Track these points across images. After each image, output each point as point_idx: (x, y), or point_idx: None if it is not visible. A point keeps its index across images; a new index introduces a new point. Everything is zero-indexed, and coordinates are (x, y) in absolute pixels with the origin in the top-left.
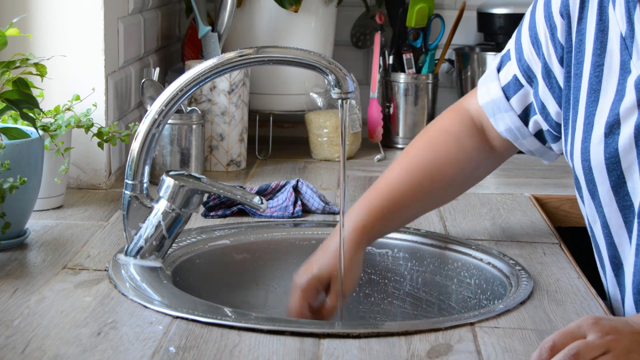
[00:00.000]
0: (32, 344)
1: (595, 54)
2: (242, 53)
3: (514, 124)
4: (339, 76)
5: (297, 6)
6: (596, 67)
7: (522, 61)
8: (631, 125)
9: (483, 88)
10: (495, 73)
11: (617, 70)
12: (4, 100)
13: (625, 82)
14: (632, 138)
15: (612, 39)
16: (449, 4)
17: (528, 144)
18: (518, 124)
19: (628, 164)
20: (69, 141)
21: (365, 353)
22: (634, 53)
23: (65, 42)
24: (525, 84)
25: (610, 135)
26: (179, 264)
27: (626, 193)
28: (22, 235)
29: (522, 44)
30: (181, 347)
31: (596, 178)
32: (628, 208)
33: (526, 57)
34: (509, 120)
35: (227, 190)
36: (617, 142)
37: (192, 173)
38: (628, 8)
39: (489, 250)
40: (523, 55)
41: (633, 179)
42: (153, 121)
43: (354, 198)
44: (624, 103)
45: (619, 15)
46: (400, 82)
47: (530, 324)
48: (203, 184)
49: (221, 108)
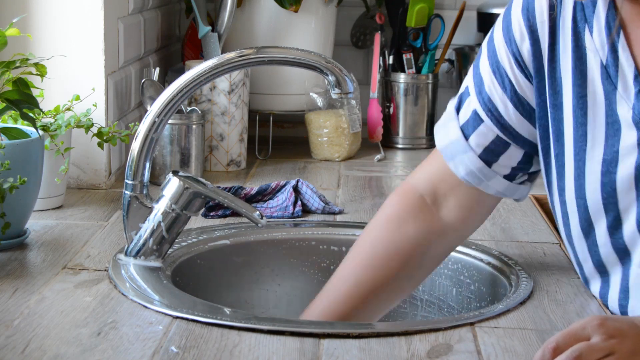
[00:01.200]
0: (32, 344)
1: (575, 84)
2: (242, 53)
3: (474, 165)
4: (339, 76)
5: (297, 6)
6: (579, 99)
7: (482, 94)
8: (631, 165)
9: (441, 131)
10: (454, 113)
11: (602, 101)
12: (4, 100)
13: (616, 116)
14: (631, 178)
15: (592, 67)
16: (449, 4)
17: (495, 185)
18: (479, 164)
19: (626, 205)
20: (69, 141)
21: (365, 353)
22: (619, 84)
23: (65, 42)
24: (486, 118)
25: (607, 174)
26: (179, 264)
27: (620, 236)
28: (22, 235)
29: (481, 75)
30: (181, 347)
31: (592, 217)
32: (623, 251)
33: (487, 89)
34: (468, 162)
35: (230, 201)
36: (615, 182)
37: (199, 178)
38: (610, 35)
39: (489, 250)
40: (484, 87)
41: (629, 220)
42: (153, 121)
43: (354, 198)
44: (623, 141)
45: (598, 43)
46: (400, 82)
47: (530, 324)
48: (207, 189)
49: (221, 108)
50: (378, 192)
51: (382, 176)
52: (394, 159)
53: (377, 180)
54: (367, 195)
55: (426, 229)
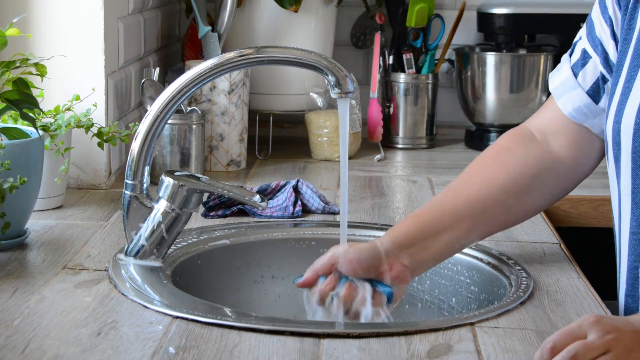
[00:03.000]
0: (32, 344)
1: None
2: (242, 53)
3: (581, 101)
4: (339, 76)
5: (297, 6)
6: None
7: (592, 34)
8: None
9: (554, 74)
10: (566, 57)
11: None
12: (4, 100)
13: None
14: None
15: None
16: (449, 4)
17: (600, 123)
18: (586, 100)
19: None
20: (69, 141)
21: (365, 353)
22: None
23: (65, 42)
24: (594, 54)
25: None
26: (179, 264)
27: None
28: (22, 235)
29: (592, 20)
30: (181, 347)
31: (622, 141)
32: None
33: (597, 31)
34: (576, 98)
35: (227, 190)
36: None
37: (192, 173)
38: None
39: (489, 250)
40: (594, 30)
41: None
42: (153, 121)
43: (354, 198)
44: None
45: None
46: (400, 82)
47: (530, 324)
48: (203, 183)
49: (221, 108)
50: (378, 192)
51: (382, 176)
52: (394, 159)
53: (377, 180)
54: (367, 195)
55: (537, 156)
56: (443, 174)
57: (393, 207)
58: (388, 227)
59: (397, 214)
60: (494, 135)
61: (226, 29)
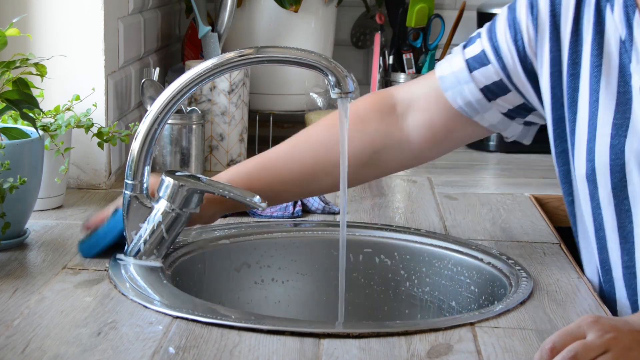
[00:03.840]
0: (32, 344)
1: (593, 55)
2: (242, 53)
3: (474, 96)
4: (339, 76)
5: (297, 6)
6: (594, 68)
7: (493, 39)
8: None
9: (443, 63)
10: (460, 49)
11: (615, 72)
12: (4, 100)
13: (628, 86)
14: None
15: (610, 42)
16: (449, 4)
17: (490, 118)
18: (479, 96)
19: (631, 168)
20: (69, 141)
21: (365, 353)
22: (633, 57)
23: (65, 42)
24: (494, 60)
25: (617, 137)
26: (179, 264)
27: (625, 197)
28: (22, 235)
29: (496, 24)
30: (181, 347)
31: (598, 179)
32: (625, 212)
33: (499, 36)
34: (468, 93)
35: (227, 190)
36: (624, 145)
37: (193, 174)
38: (627, 13)
39: (489, 250)
40: (495, 34)
41: (633, 182)
42: (153, 121)
43: (353, 198)
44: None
45: (618, 20)
46: (400, 82)
47: (530, 324)
48: (203, 183)
49: (221, 108)
50: (378, 192)
51: None
52: None
53: (376, 181)
54: (367, 195)
55: (386, 132)
56: (443, 174)
57: (393, 207)
58: (388, 227)
59: (397, 214)
60: (494, 135)
61: (226, 29)
